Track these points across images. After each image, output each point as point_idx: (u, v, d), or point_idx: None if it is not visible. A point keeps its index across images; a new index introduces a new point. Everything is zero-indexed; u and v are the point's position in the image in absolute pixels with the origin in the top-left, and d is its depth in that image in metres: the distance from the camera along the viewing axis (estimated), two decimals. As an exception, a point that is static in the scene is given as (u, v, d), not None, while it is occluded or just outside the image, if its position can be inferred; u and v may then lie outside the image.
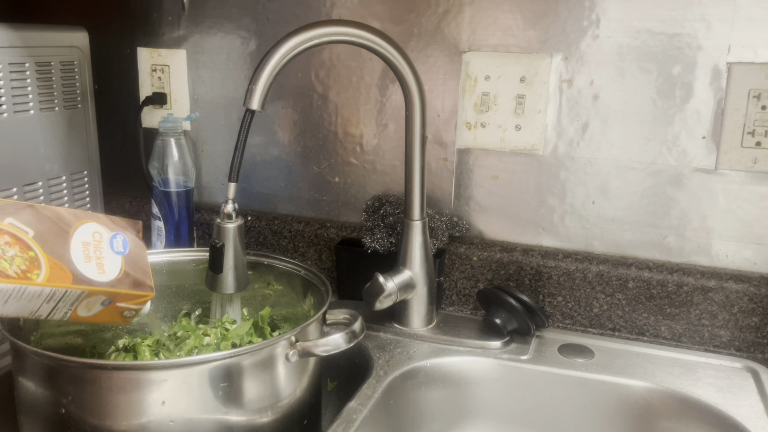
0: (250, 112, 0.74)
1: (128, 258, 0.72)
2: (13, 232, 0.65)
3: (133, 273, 0.71)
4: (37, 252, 0.65)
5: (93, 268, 0.68)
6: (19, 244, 0.65)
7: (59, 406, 0.64)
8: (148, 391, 0.63)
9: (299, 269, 0.85)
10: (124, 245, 0.72)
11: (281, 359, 0.69)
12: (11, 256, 0.64)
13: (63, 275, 0.66)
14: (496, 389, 0.88)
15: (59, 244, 0.67)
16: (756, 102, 0.88)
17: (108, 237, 0.71)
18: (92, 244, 0.69)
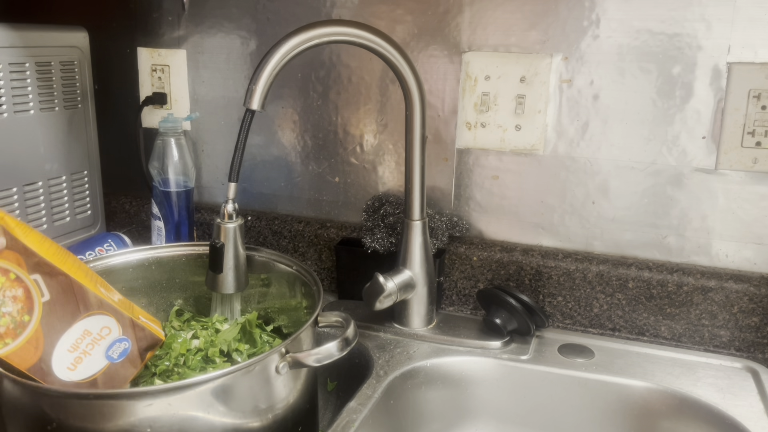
0: (250, 112, 0.74)
1: (111, 368, 0.67)
2: (31, 290, 0.63)
3: (99, 386, 0.67)
4: (33, 320, 0.63)
5: (68, 362, 0.65)
6: (25, 305, 0.63)
7: (47, 425, 0.62)
8: (133, 418, 0.60)
9: (291, 264, 0.84)
10: (121, 355, 0.68)
11: (272, 372, 0.66)
12: (4, 312, 0.62)
13: (29, 356, 0.63)
14: (496, 389, 0.88)
15: (61, 322, 0.64)
16: (756, 102, 0.88)
17: (113, 338, 0.68)
18: (93, 337, 0.66)
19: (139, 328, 0.69)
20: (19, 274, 0.63)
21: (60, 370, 0.65)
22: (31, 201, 1.01)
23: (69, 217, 1.09)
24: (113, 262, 0.86)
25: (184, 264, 0.89)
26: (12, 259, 0.62)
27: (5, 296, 0.62)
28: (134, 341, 0.69)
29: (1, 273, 0.62)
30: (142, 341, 0.69)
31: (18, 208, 0.99)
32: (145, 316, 0.72)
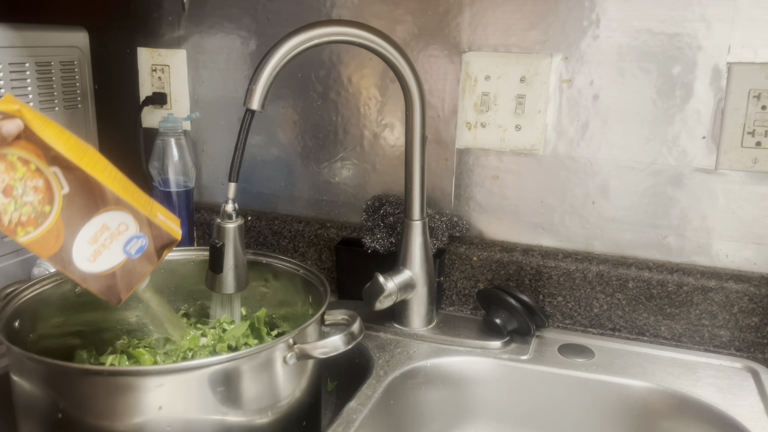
0: (250, 112, 0.74)
1: (129, 263, 0.69)
2: (51, 182, 0.64)
3: (118, 279, 0.69)
4: (53, 211, 0.64)
5: (87, 253, 0.66)
6: (46, 196, 0.64)
7: (56, 410, 0.64)
8: (144, 396, 0.62)
9: (298, 269, 0.85)
10: (138, 251, 0.69)
11: (279, 362, 0.68)
12: (26, 202, 0.63)
13: (49, 246, 0.65)
14: (496, 389, 0.88)
15: (81, 215, 0.65)
16: (756, 102, 0.88)
17: (131, 234, 0.68)
18: (111, 231, 0.67)
19: (155, 227, 0.69)
20: (39, 165, 0.63)
21: (80, 260, 0.66)
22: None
23: (69, 217, 1.08)
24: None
25: (192, 270, 0.89)
26: (31, 151, 0.63)
27: (26, 186, 0.63)
28: (151, 239, 0.69)
29: (21, 163, 0.63)
30: (158, 239, 0.69)
31: (18, 208, 0.99)
32: (165, 214, 0.72)
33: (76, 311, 0.82)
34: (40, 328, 0.77)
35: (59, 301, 0.80)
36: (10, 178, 0.63)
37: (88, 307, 0.83)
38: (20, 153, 0.63)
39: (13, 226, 0.64)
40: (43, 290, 0.78)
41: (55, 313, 0.80)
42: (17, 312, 0.74)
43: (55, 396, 0.64)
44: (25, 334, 0.75)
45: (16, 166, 0.63)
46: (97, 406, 0.62)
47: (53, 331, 0.79)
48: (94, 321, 0.84)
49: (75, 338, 0.82)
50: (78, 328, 0.82)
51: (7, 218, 0.63)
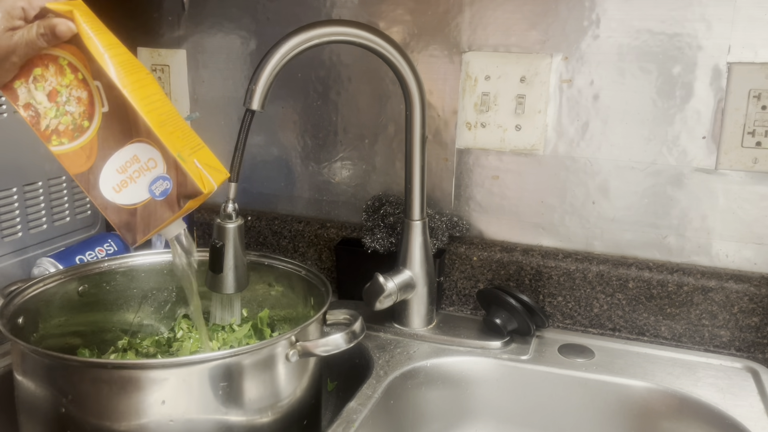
0: (250, 112, 0.74)
1: (152, 204, 0.63)
2: (94, 95, 0.61)
3: (138, 218, 0.64)
4: (92, 127, 0.62)
5: (114, 181, 0.63)
6: (87, 110, 0.61)
7: (59, 405, 0.64)
8: (148, 391, 0.62)
9: (300, 270, 0.85)
10: (162, 193, 0.63)
11: (281, 359, 0.69)
12: (67, 111, 0.61)
13: (79, 163, 0.62)
14: (496, 389, 0.88)
15: (115, 139, 0.62)
16: (756, 102, 0.88)
17: (158, 172, 0.63)
18: (140, 165, 0.63)
19: (181, 173, 0.63)
20: (86, 76, 0.61)
21: (106, 187, 0.63)
22: (31, 201, 1.01)
23: (69, 217, 1.09)
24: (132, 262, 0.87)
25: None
26: (80, 59, 0.61)
27: (71, 95, 0.62)
28: (175, 184, 0.63)
29: (70, 69, 0.61)
30: (181, 187, 0.63)
31: (18, 208, 0.99)
32: (206, 161, 0.66)
33: (78, 311, 0.82)
34: (42, 327, 0.77)
35: (61, 300, 0.80)
36: (57, 83, 0.61)
37: (89, 308, 0.83)
38: (71, 58, 0.61)
39: (48, 133, 0.62)
40: (46, 289, 0.78)
41: (57, 313, 0.80)
42: (20, 309, 0.74)
43: (58, 390, 0.64)
44: (29, 332, 0.75)
45: (65, 72, 0.61)
46: (101, 401, 0.63)
47: (55, 330, 0.79)
48: (96, 321, 0.84)
49: (76, 338, 0.82)
50: (80, 328, 0.83)
51: (45, 123, 0.62)
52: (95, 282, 0.84)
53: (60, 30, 0.60)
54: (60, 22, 0.60)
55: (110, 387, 0.62)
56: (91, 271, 0.83)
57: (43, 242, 1.04)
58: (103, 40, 0.62)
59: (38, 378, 0.66)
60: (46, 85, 0.62)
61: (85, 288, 0.82)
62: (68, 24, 0.60)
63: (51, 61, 0.62)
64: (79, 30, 0.60)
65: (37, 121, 0.63)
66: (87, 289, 0.82)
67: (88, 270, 0.83)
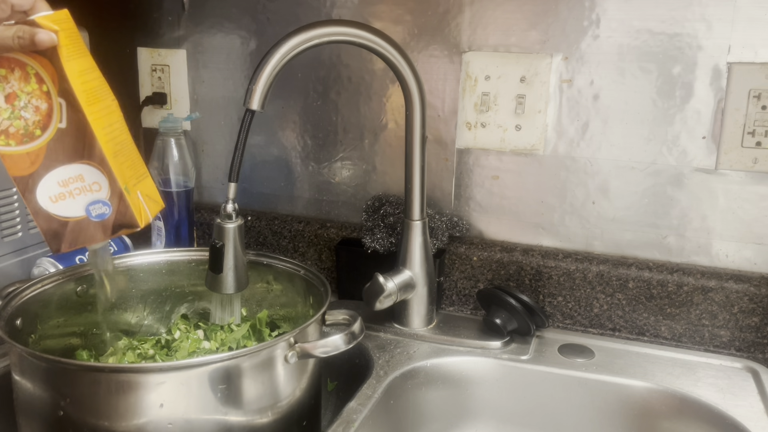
0: (250, 112, 0.74)
1: (84, 222, 0.66)
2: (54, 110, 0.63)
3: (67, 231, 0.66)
4: (43, 137, 0.63)
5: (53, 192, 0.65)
6: (43, 121, 0.63)
7: (57, 408, 0.64)
8: (146, 394, 0.62)
9: (298, 269, 0.85)
10: (98, 216, 0.66)
11: (280, 361, 0.68)
12: (21, 116, 0.63)
13: (21, 167, 0.64)
14: (496, 389, 0.88)
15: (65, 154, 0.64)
16: (756, 102, 0.88)
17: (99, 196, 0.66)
18: (83, 184, 0.66)
19: (123, 203, 0.66)
20: (51, 90, 0.63)
21: (42, 195, 0.65)
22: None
23: (69, 217, 1.08)
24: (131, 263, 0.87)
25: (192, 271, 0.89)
26: (50, 73, 0.62)
27: (30, 103, 0.63)
28: (114, 212, 0.67)
29: (36, 79, 0.63)
30: (120, 216, 0.67)
31: (18, 208, 0.99)
32: (148, 194, 0.70)
33: (77, 312, 0.82)
34: (41, 329, 0.77)
35: (60, 301, 0.80)
36: (18, 88, 0.63)
37: (88, 308, 0.83)
38: (40, 69, 0.62)
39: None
40: (44, 290, 0.78)
41: (56, 314, 0.80)
42: (18, 311, 0.74)
43: (56, 394, 0.64)
44: (27, 334, 0.75)
45: (30, 80, 0.63)
46: (99, 404, 0.63)
47: (54, 331, 0.79)
48: (95, 322, 0.84)
49: (75, 339, 0.82)
50: (78, 329, 0.83)
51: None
52: (93, 282, 0.83)
53: (40, 38, 0.60)
54: (42, 31, 0.60)
55: (108, 390, 0.62)
56: (90, 271, 0.83)
57: (43, 242, 1.04)
58: (80, 64, 0.65)
59: (36, 381, 0.66)
60: (7, 87, 0.63)
61: (84, 288, 0.82)
62: (51, 35, 0.61)
63: (18, 65, 0.63)
64: (60, 49, 0.62)
65: None
66: (85, 289, 0.82)
67: (86, 270, 0.83)
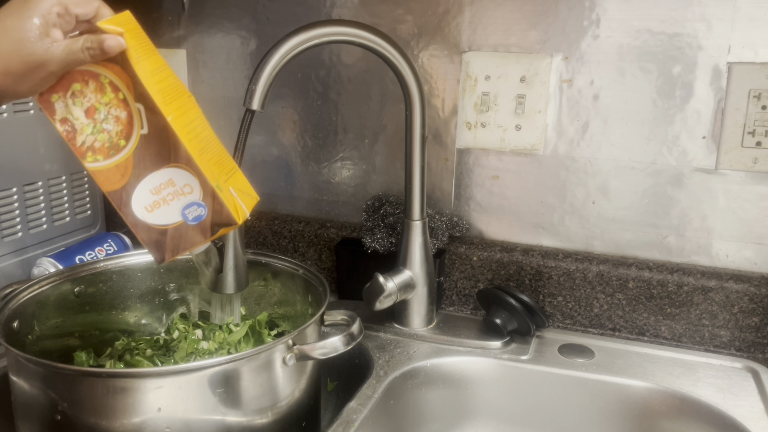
0: (250, 112, 0.74)
1: (183, 227, 0.64)
2: (134, 116, 0.61)
3: (168, 239, 0.64)
4: (128, 147, 0.62)
5: (147, 201, 0.63)
6: (125, 129, 0.62)
7: (55, 411, 0.64)
8: (143, 398, 0.62)
9: (298, 269, 0.85)
10: (195, 219, 0.64)
11: (279, 363, 0.68)
12: (104, 129, 0.62)
13: (113, 181, 0.62)
14: (496, 389, 0.88)
15: (152, 161, 0.62)
16: (756, 102, 0.88)
17: (193, 198, 0.64)
18: (175, 188, 0.63)
19: (218, 202, 0.64)
20: (127, 96, 0.61)
21: (138, 206, 0.63)
22: (31, 201, 1.01)
23: (69, 216, 1.09)
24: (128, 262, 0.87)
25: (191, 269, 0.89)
26: (124, 79, 0.61)
27: (109, 113, 0.62)
28: (210, 211, 0.64)
29: (111, 88, 0.61)
30: (216, 215, 0.64)
31: (18, 208, 0.99)
32: (241, 189, 0.67)
33: (75, 312, 0.82)
34: (39, 329, 0.77)
35: (58, 301, 0.80)
36: (96, 100, 0.61)
37: (86, 309, 0.83)
38: (113, 78, 0.61)
39: (84, 149, 0.62)
40: (42, 291, 0.78)
41: (54, 314, 0.80)
42: (16, 312, 0.74)
43: (53, 398, 0.64)
44: (24, 335, 0.75)
45: (105, 90, 0.61)
46: (96, 408, 0.62)
47: (52, 332, 0.79)
48: (93, 322, 0.84)
49: (74, 339, 0.82)
50: (77, 329, 0.83)
51: (81, 139, 0.62)
52: (91, 283, 0.83)
53: (109, 44, 0.59)
54: (110, 36, 0.59)
55: (105, 394, 0.62)
56: (87, 271, 0.83)
57: (43, 242, 1.04)
58: (150, 63, 0.63)
59: (33, 384, 0.66)
60: (85, 101, 0.62)
61: (81, 289, 0.82)
62: (118, 39, 0.59)
63: (91, 77, 0.61)
64: (129, 53, 0.60)
65: (73, 137, 0.62)
66: (83, 290, 0.82)
67: (84, 271, 0.83)
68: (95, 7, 0.60)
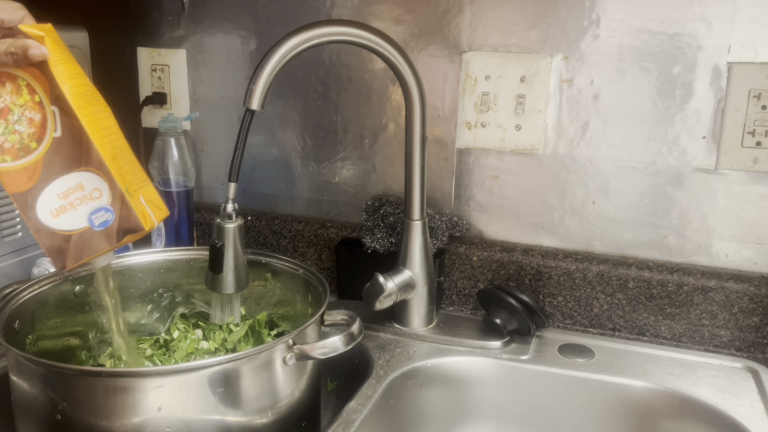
0: (250, 112, 0.74)
1: (88, 233, 0.64)
2: (48, 120, 0.61)
3: (71, 245, 0.64)
4: (38, 150, 0.62)
5: (53, 206, 0.63)
6: (38, 132, 0.62)
7: (55, 411, 0.64)
8: (144, 397, 0.62)
9: (297, 269, 0.85)
10: (101, 225, 0.64)
11: (279, 362, 0.68)
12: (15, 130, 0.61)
13: (19, 183, 0.62)
14: (496, 389, 0.88)
15: (62, 165, 0.62)
16: (756, 102, 0.88)
17: (101, 203, 0.63)
18: (84, 193, 0.63)
19: (126, 207, 0.64)
20: (43, 99, 0.62)
21: (42, 210, 0.63)
22: (30, 201, 1.01)
23: (69, 217, 1.08)
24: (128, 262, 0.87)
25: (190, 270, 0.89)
26: (41, 82, 0.61)
27: (23, 115, 0.62)
28: (117, 217, 0.64)
29: (28, 90, 0.62)
30: (124, 221, 0.64)
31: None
32: (150, 198, 0.67)
33: (75, 312, 0.82)
34: (38, 329, 0.77)
35: (58, 301, 0.80)
36: (11, 101, 0.62)
37: (86, 308, 0.83)
38: (31, 80, 0.61)
39: None
40: (42, 291, 0.78)
41: (54, 314, 0.80)
42: (16, 312, 0.74)
43: (53, 397, 0.64)
44: (24, 335, 0.75)
45: (22, 92, 0.61)
46: (96, 408, 0.62)
47: (52, 332, 0.79)
48: (93, 322, 0.84)
49: (74, 339, 0.82)
50: (77, 329, 0.82)
51: None
52: (91, 283, 0.83)
53: (33, 53, 0.60)
54: (34, 45, 0.60)
55: (105, 394, 0.62)
56: (87, 271, 0.83)
57: (43, 242, 1.04)
58: (68, 69, 0.63)
59: (33, 384, 0.66)
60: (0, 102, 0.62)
61: (81, 289, 0.82)
62: (42, 49, 0.60)
63: (9, 79, 0.62)
64: (50, 60, 0.61)
65: None
66: (83, 290, 0.82)
67: (84, 271, 0.83)
68: (21, 15, 0.62)
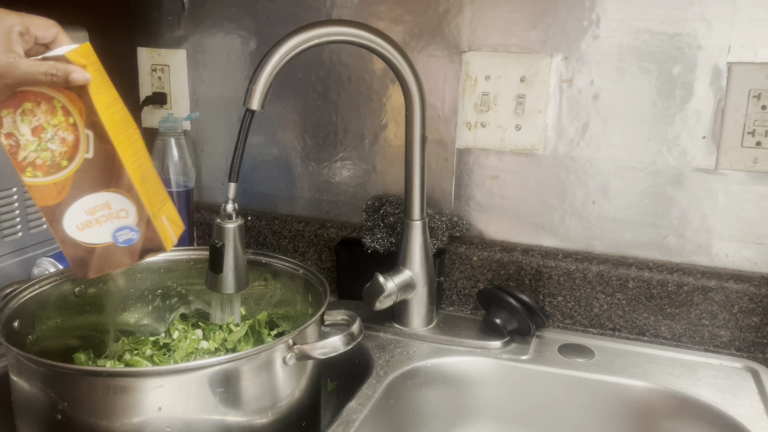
0: (250, 112, 0.74)
1: (111, 248, 0.67)
2: (81, 142, 0.64)
3: (94, 257, 0.67)
4: (69, 168, 0.65)
5: (80, 220, 0.66)
6: (69, 151, 0.64)
7: (55, 411, 0.64)
8: (144, 397, 0.62)
9: (298, 269, 0.85)
10: (126, 242, 0.67)
11: (279, 362, 0.68)
12: (48, 147, 0.64)
13: (48, 197, 0.65)
14: (496, 389, 0.88)
15: (91, 184, 0.65)
16: (756, 102, 0.88)
17: (127, 222, 0.67)
18: (110, 211, 0.67)
19: (151, 229, 0.68)
20: (77, 122, 0.64)
21: (69, 224, 0.66)
22: (31, 201, 1.01)
23: (69, 217, 1.08)
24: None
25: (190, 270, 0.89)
26: (77, 106, 0.64)
27: (56, 134, 0.64)
28: (142, 237, 0.68)
29: (63, 112, 0.64)
30: (147, 241, 0.68)
31: (18, 208, 0.99)
32: (171, 218, 0.72)
33: (75, 312, 0.82)
34: (39, 329, 0.77)
35: (58, 301, 0.80)
36: (45, 121, 0.64)
37: (86, 309, 0.83)
38: (66, 103, 0.64)
39: (25, 164, 0.65)
40: (42, 291, 0.78)
41: (54, 314, 0.80)
42: (16, 312, 0.74)
43: (54, 397, 0.64)
44: (24, 335, 0.75)
45: (57, 113, 0.64)
46: (97, 407, 0.62)
47: (52, 332, 0.79)
48: (93, 323, 0.84)
49: (74, 339, 0.82)
50: (77, 330, 0.82)
51: (23, 154, 0.64)
52: (91, 283, 0.83)
53: (74, 77, 0.61)
54: (77, 70, 0.61)
55: (106, 394, 0.62)
56: None
57: (43, 242, 1.04)
58: (107, 97, 0.66)
59: (34, 384, 0.66)
60: (33, 120, 0.64)
61: (81, 289, 0.82)
62: (85, 75, 0.62)
63: (44, 99, 0.64)
64: (88, 85, 0.63)
65: (15, 151, 0.65)
66: (83, 290, 0.82)
67: None
68: (54, 33, 0.65)
